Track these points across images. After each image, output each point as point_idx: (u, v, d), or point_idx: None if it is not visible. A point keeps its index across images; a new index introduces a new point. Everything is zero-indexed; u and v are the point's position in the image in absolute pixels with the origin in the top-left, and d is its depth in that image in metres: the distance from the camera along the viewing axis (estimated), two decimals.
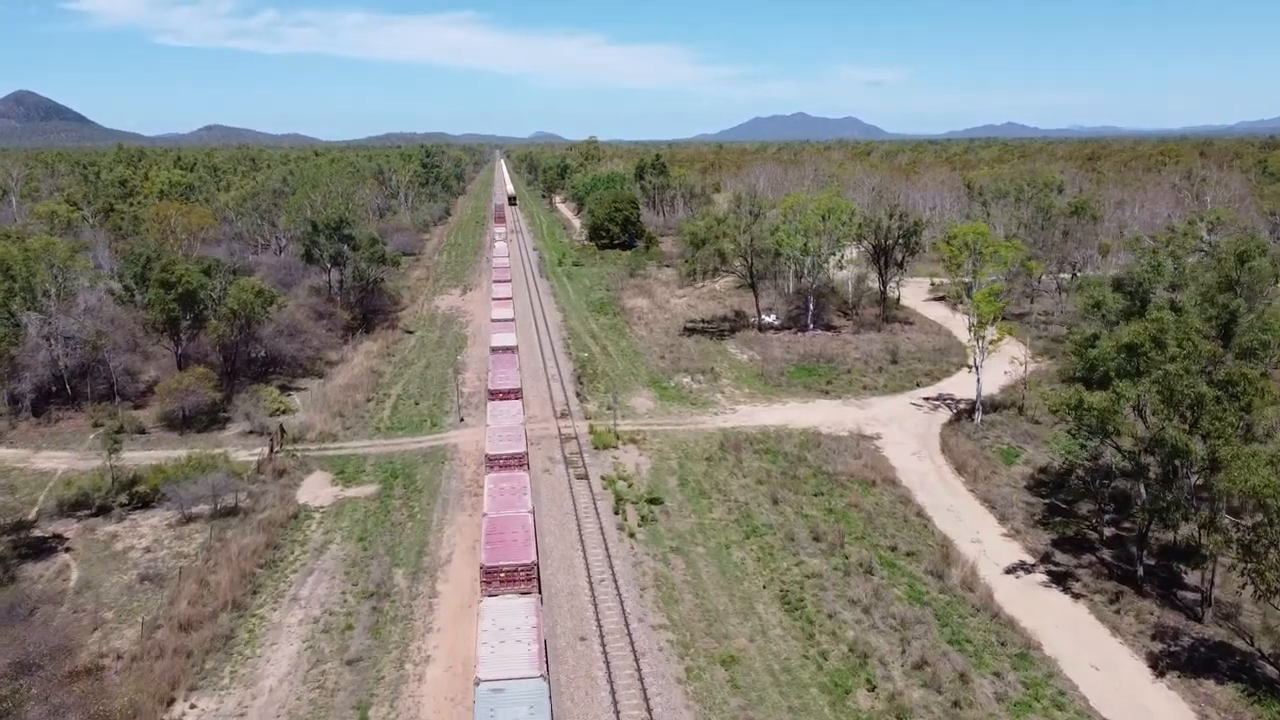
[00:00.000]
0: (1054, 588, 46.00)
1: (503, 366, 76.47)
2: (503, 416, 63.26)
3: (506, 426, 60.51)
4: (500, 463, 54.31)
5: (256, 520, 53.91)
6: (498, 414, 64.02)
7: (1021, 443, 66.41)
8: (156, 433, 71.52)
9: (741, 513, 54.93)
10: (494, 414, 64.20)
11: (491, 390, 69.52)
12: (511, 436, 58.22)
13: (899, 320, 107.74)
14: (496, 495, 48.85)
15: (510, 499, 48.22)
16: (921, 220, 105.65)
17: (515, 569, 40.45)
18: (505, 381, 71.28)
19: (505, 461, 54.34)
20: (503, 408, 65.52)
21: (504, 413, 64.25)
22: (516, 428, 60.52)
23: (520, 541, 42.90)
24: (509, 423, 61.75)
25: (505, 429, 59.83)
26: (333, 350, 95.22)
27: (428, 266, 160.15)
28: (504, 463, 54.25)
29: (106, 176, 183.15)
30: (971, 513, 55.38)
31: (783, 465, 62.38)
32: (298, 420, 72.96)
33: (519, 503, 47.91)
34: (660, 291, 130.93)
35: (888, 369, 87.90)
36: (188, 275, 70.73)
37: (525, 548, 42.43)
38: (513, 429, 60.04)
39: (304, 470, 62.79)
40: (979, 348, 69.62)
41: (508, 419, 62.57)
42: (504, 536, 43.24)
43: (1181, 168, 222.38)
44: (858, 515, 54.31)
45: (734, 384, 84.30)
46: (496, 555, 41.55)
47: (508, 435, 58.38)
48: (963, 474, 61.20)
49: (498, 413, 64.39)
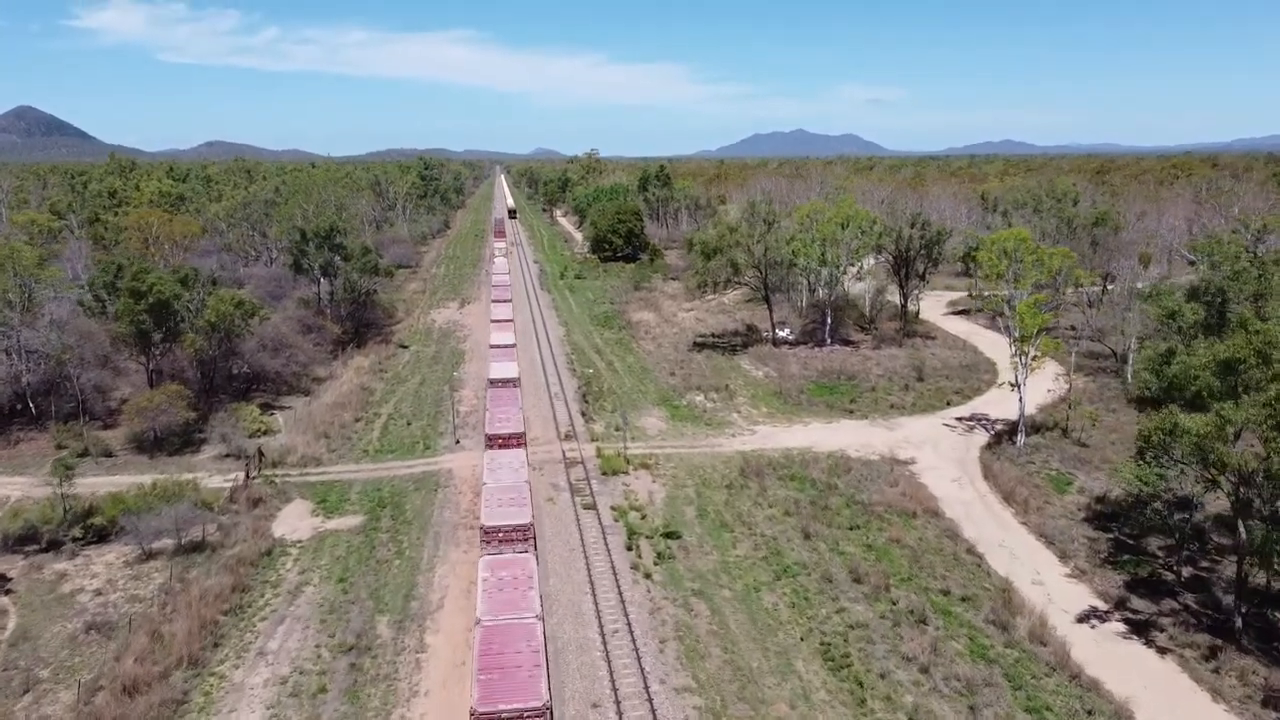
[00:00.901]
0: (1136, 640, 40.01)
1: (503, 403, 62.97)
2: (502, 471, 50.11)
3: (507, 486, 47.54)
4: (500, 536, 42.19)
5: (225, 557, 47.89)
6: (497, 467, 50.75)
7: (1071, 468, 60.50)
8: (124, 455, 65.58)
9: (770, 549, 48.95)
10: (492, 467, 50.75)
11: (490, 435, 56.09)
12: (514, 499, 45.47)
13: (920, 335, 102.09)
14: (494, 591, 36.82)
15: (512, 596, 36.43)
16: (944, 229, 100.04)
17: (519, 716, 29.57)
18: (506, 423, 58.05)
19: (507, 535, 42.24)
20: (503, 459, 52.27)
21: (504, 465, 51.19)
22: (519, 486, 47.32)
23: (524, 672, 31.37)
24: (510, 479, 48.53)
25: (506, 490, 46.88)
26: (321, 366, 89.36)
27: (425, 279, 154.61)
28: (505, 536, 42.19)
29: (94, 187, 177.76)
30: (1027, 549, 49.41)
31: (811, 494, 56.43)
32: (279, 442, 67.05)
33: (523, 602, 35.91)
34: (667, 305, 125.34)
35: (914, 386, 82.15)
36: (160, 284, 64.94)
37: (531, 682, 30.82)
38: (515, 490, 46.83)
39: (282, 499, 56.82)
40: (1021, 364, 63.83)
41: (508, 474, 49.64)
42: (502, 660, 31.93)
43: (1194, 181, 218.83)
44: (901, 552, 48.33)
45: (750, 402, 78.46)
46: (494, 692, 30.17)
47: (509, 498, 45.74)
48: (1011, 504, 55.26)
49: (497, 465, 51.05)
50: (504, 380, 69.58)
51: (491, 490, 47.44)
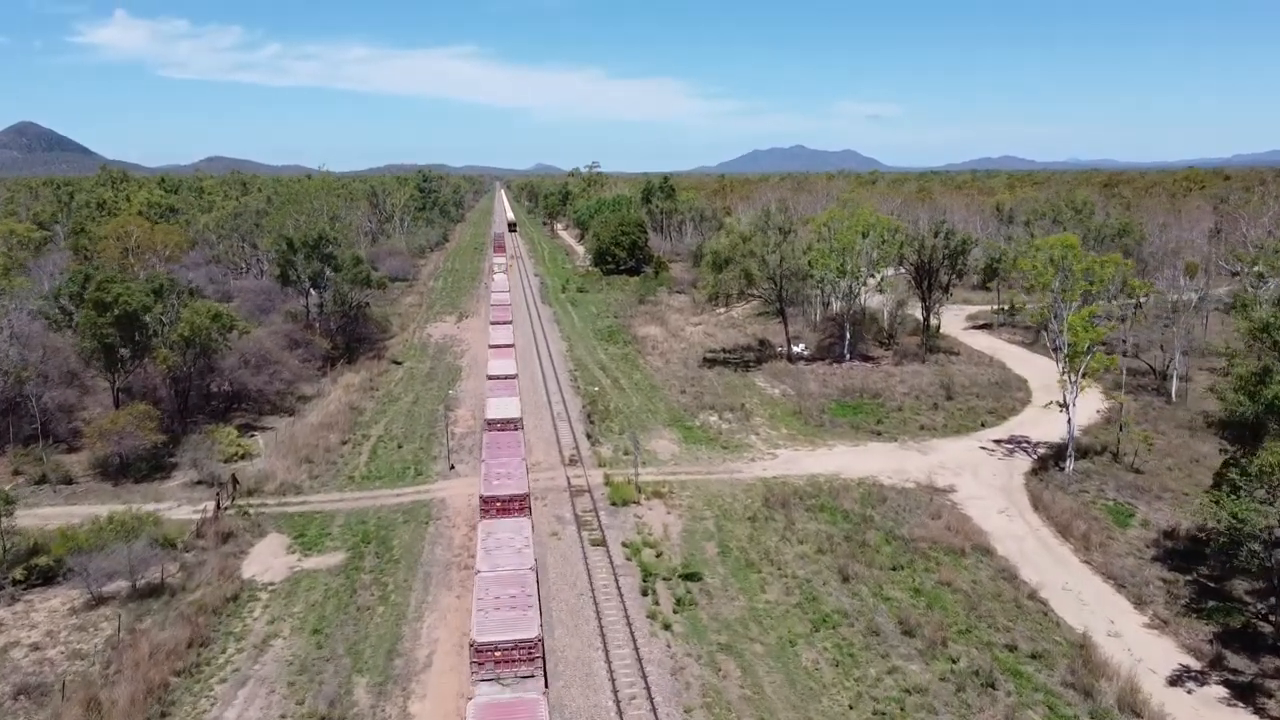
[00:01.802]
0: (1243, 708, 34.21)
1: (503, 452, 51.06)
2: (501, 553, 37.93)
3: (508, 576, 35.53)
4: (496, 656, 31.19)
5: (185, 604, 42.08)
6: (494, 546, 38.82)
7: (1130, 498, 54.74)
8: (86, 482, 59.87)
9: (804, 593, 43.13)
10: (488, 546, 38.91)
11: (486, 498, 44.41)
12: (515, 599, 33.86)
13: (943, 350, 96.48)
14: None
15: None
16: (970, 238, 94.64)
17: None
18: (506, 480, 45.75)
19: (505, 655, 31.23)
20: (502, 532, 40.37)
21: (503, 543, 39.06)
22: (523, 578, 35.34)
23: None
24: (511, 564, 36.77)
25: (505, 584, 34.89)
26: (308, 383, 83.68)
27: (422, 292, 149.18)
28: (503, 656, 31.23)
29: (82, 197, 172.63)
30: (1095, 593, 43.61)
31: (845, 528, 50.64)
32: (256, 468, 61.31)
33: None
34: (674, 319, 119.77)
35: (943, 406, 76.47)
36: (127, 295, 59.35)
37: None
38: (517, 583, 34.71)
39: (256, 533, 51.03)
40: (1071, 382, 58.20)
41: (509, 556, 37.64)
42: None
43: (1206, 194, 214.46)
44: (954, 598, 42.52)
45: (769, 423, 72.76)
46: None
47: (510, 596, 34.14)
48: (1069, 539, 49.45)
49: (494, 544, 39.12)
50: (504, 422, 57.97)
51: (486, 584, 35.17)
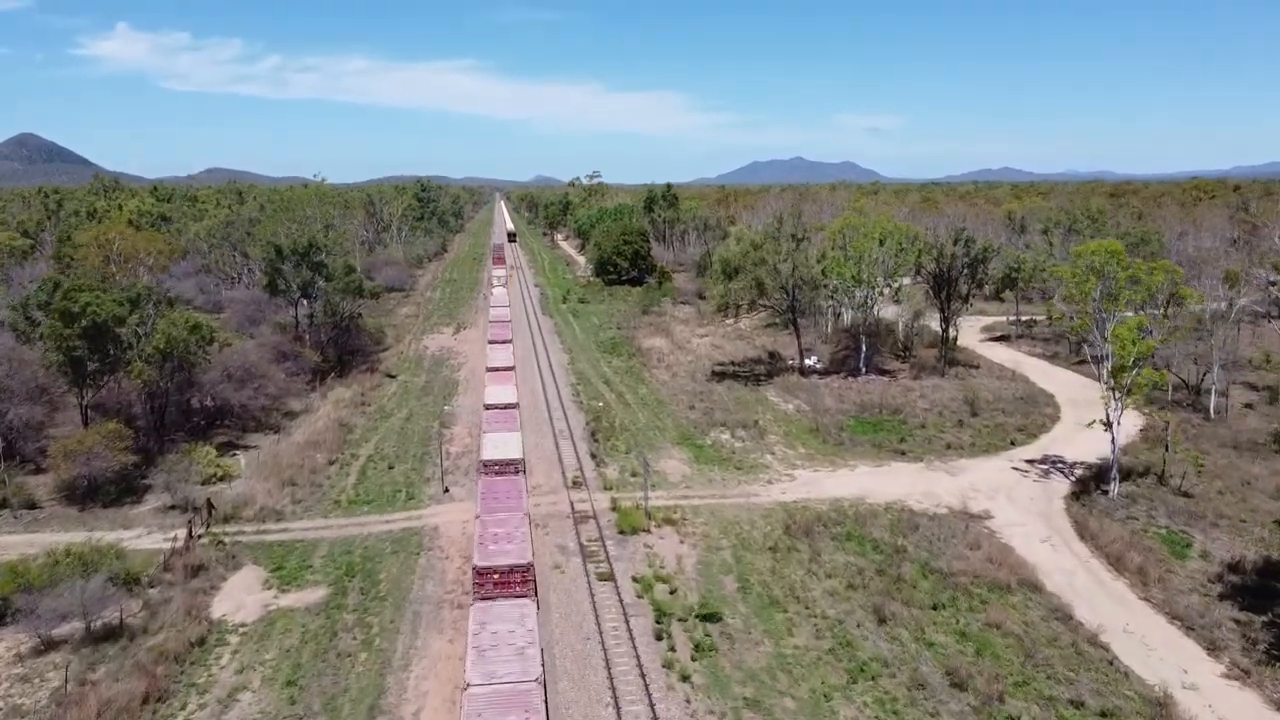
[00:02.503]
0: None
1: (501, 504, 42.15)
2: (498, 655, 29.94)
3: (508, 691, 27.91)
4: None
5: (144, 650, 37.58)
6: (488, 640, 30.91)
7: (1184, 526, 50.29)
8: (51, 507, 55.40)
9: (837, 637, 38.63)
10: (480, 645, 30.70)
11: (480, 570, 35.65)
12: None
13: (962, 363, 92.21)
14: None
15: None
16: (991, 246, 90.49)
17: None
18: (505, 546, 37.09)
19: None
20: (500, 621, 32.16)
21: (501, 638, 30.98)
22: (526, 697, 27.59)
23: None
24: (511, 671, 28.93)
25: (503, 706, 27.19)
26: (296, 398, 79.23)
27: (418, 303, 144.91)
28: None
29: (70, 205, 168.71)
30: (1161, 636, 39.13)
31: (877, 559, 46.17)
32: (235, 491, 56.87)
33: None
34: (679, 330, 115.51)
35: (969, 423, 72.09)
36: (96, 304, 55.03)
37: None
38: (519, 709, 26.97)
39: (229, 565, 46.52)
40: (1115, 399, 53.84)
41: (508, 661, 29.60)
42: None
43: (1216, 204, 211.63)
44: (1005, 642, 38.02)
45: (784, 441, 68.36)
46: None
47: None
48: (1123, 573, 44.97)
49: (489, 636, 31.16)
50: (503, 465, 48.97)
51: (478, 709, 26.98)
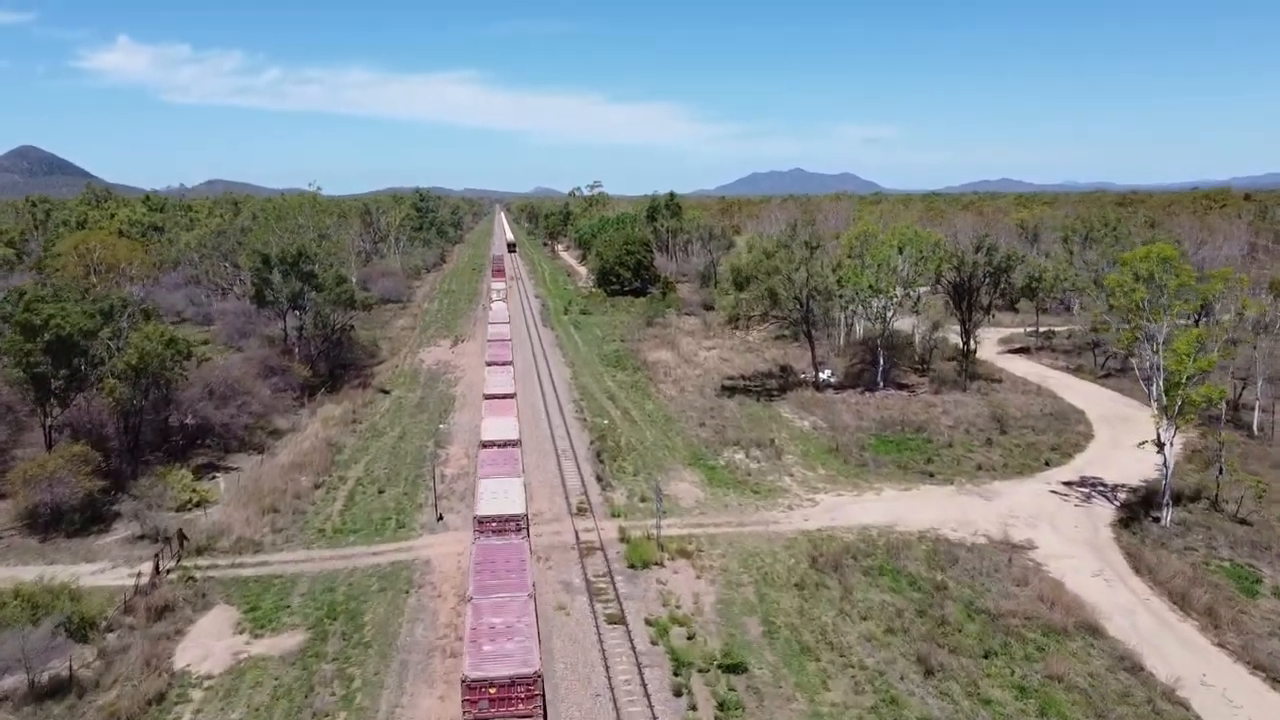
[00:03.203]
0: None
1: (498, 583, 35.27)
2: None
3: None
4: None
5: (94, 708, 33.13)
6: None
7: (1250, 558, 45.86)
8: (10, 538, 50.94)
9: (879, 691, 34.15)
10: None
11: (472, 684, 29.23)
12: None
13: (983, 377, 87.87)
14: None
15: None
16: (1016, 254, 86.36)
17: None
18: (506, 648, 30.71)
19: None
20: None
21: None
22: None
23: None
24: None
25: None
26: (282, 416, 74.90)
27: (415, 315, 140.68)
28: None
29: (60, 215, 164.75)
30: (1244, 690, 34.67)
31: (916, 598, 41.73)
32: (212, 518, 52.46)
33: None
34: (685, 342, 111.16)
35: (998, 441, 67.72)
36: (60, 317, 50.77)
37: None
38: None
39: (199, 604, 42.08)
40: (1168, 418, 49.49)
41: None
42: None
43: (1227, 212, 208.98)
44: (1070, 699, 33.53)
45: (802, 462, 63.98)
46: None
47: None
48: (1190, 613, 40.54)
49: None
50: (501, 521, 42.26)
51: None
